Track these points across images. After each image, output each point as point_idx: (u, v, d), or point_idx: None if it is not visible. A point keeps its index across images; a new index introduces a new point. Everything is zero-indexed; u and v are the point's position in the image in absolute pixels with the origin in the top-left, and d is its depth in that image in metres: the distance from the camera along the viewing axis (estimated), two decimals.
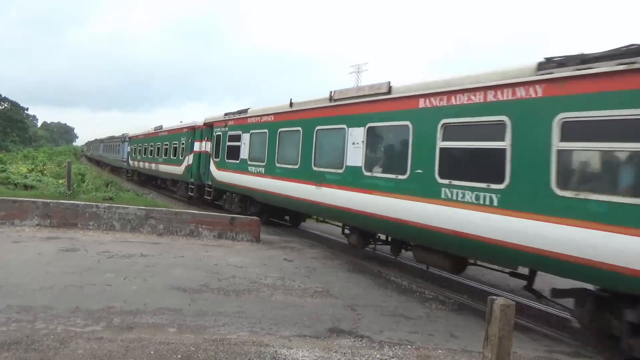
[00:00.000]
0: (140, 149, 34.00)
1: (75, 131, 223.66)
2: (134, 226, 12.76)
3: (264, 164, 14.80)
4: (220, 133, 18.53)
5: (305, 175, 12.52)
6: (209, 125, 19.98)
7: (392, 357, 5.75)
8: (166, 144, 26.92)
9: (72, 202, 13.23)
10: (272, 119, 14.68)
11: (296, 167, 12.99)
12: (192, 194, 21.94)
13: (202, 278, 8.60)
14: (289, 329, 6.43)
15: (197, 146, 21.50)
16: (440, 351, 6.12)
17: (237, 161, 16.68)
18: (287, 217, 17.49)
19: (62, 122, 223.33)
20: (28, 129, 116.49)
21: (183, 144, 23.84)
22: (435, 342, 6.52)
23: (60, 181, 19.99)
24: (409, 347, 6.18)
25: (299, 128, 13.09)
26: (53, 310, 6.31)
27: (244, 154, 16.26)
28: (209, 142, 19.82)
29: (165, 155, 26.90)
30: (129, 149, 38.36)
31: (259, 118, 15.60)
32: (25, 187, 17.92)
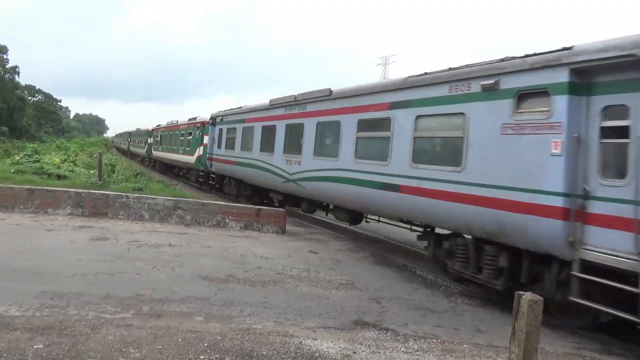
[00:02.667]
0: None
1: (106, 122, 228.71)
2: (162, 216, 13.00)
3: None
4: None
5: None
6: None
7: (417, 351, 5.73)
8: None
9: (103, 192, 13.55)
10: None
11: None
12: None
13: (228, 268, 8.72)
14: (314, 320, 6.47)
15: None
16: (465, 345, 6.07)
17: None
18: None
19: (94, 113, 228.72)
20: (61, 120, 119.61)
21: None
22: (460, 336, 6.47)
23: (92, 171, 20.42)
24: (434, 340, 6.15)
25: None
26: (85, 296, 6.49)
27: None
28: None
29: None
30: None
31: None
32: (58, 177, 18.33)
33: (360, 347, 5.61)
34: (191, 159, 27.14)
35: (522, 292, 4.42)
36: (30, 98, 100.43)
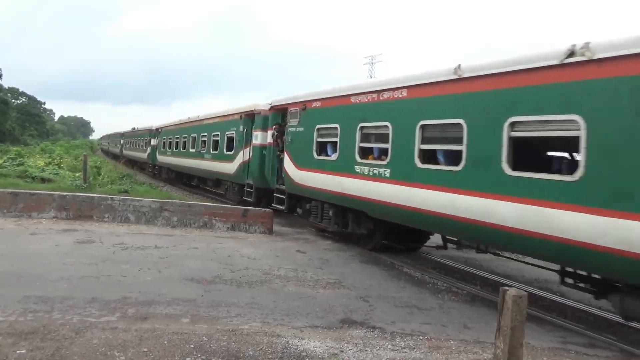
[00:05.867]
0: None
1: (91, 125, 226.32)
2: (148, 218, 12.89)
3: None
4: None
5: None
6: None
7: (404, 348, 5.75)
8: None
9: (87, 194, 13.39)
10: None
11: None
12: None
13: (215, 269, 8.67)
14: (301, 320, 6.46)
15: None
16: (452, 342, 6.11)
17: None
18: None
19: (79, 115, 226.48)
20: (45, 123, 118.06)
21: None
22: (447, 332, 6.50)
23: (77, 174, 20.25)
24: (421, 337, 6.17)
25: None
26: (69, 300, 6.41)
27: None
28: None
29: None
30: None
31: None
32: (43, 180, 18.14)
33: (347, 346, 5.61)
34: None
35: (506, 288, 4.46)
36: (13, 101, 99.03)
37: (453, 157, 8.47)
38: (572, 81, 6.66)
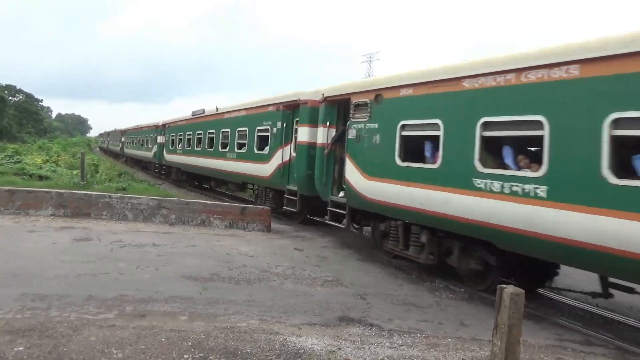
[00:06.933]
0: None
1: (89, 122, 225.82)
2: (146, 216, 12.88)
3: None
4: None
5: None
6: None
7: (402, 345, 5.76)
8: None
9: (85, 192, 13.37)
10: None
11: None
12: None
13: (213, 267, 8.67)
14: (299, 317, 6.47)
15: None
16: (449, 340, 6.12)
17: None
18: None
19: (76, 113, 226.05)
20: (43, 121, 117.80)
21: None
22: (445, 330, 6.52)
23: (75, 172, 20.20)
24: (419, 335, 6.19)
25: None
26: (67, 298, 6.40)
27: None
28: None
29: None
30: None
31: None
32: (40, 177, 18.14)
33: (345, 343, 5.62)
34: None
35: (504, 286, 4.47)
36: (10, 98, 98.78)
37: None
38: None
